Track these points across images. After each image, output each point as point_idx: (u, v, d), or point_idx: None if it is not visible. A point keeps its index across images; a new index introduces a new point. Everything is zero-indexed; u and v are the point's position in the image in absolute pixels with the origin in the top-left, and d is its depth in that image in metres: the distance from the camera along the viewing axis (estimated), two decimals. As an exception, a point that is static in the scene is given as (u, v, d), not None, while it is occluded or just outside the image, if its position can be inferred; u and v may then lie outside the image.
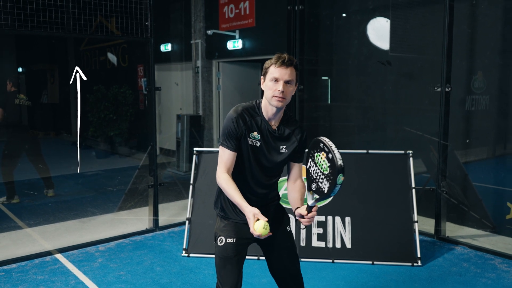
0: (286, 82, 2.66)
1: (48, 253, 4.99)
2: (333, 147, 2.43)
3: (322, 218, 4.95)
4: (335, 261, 4.78)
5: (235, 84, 9.43)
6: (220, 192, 2.88)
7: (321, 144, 2.50)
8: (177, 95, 10.33)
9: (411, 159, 5.07)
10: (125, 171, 9.22)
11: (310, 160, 2.59)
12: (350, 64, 7.30)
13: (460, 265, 4.75)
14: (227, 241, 2.81)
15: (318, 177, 2.51)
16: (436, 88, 5.43)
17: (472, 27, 6.00)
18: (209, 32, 8.97)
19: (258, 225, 2.48)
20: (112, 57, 12.37)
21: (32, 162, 7.10)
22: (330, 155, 2.41)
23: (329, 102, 7.72)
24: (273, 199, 2.95)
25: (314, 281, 4.30)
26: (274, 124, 2.77)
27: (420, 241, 5.31)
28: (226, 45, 8.80)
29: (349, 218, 4.93)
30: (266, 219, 2.51)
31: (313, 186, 2.54)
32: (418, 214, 5.14)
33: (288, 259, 2.93)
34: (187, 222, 5.09)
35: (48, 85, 15.48)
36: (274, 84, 2.67)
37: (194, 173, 5.22)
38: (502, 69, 5.86)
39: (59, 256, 4.94)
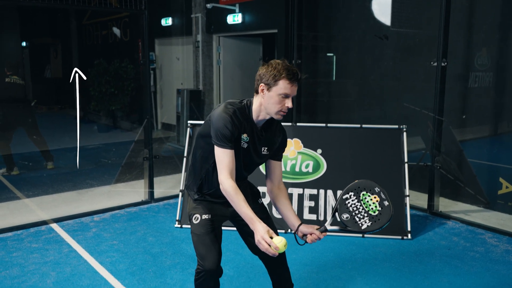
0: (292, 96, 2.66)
1: (44, 222, 5.10)
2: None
3: (314, 191, 5.00)
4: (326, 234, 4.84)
5: (236, 58, 9.43)
6: (198, 178, 2.89)
7: (377, 189, 2.78)
8: (178, 70, 10.34)
9: (404, 134, 5.08)
10: (126, 145, 9.29)
11: (352, 193, 2.77)
12: (350, 40, 7.27)
13: (450, 239, 4.80)
14: (203, 217, 2.84)
15: (357, 212, 2.73)
16: (432, 62, 5.41)
17: (476, 2, 5.94)
18: (208, 5, 8.93)
19: (280, 242, 2.48)
20: (116, 31, 12.36)
21: (29, 135, 7.22)
22: (386, 203, 2.74)
23: (327, 78, 7.72)
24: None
25: (303, 253, 4.38)
26: (260, 127, 2.79)
27: (413, 215, 5.37)
28: (226, 19, 8.77)
29: (341, 191, 4.98)
30: (282, 237, 2.52)
31: (345, 216, 2.75)
32: (412, 189, 5.20)
33: None
34: (180, 194, 5.17)
35: (51, 60, 15.51)
36: (283, 99, 2.62)
37: (188, 146, 5.28)
38: (507, 45, 5.82)
39: (54, 225, 5.05)
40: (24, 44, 15.57)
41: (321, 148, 5.11)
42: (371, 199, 2.73)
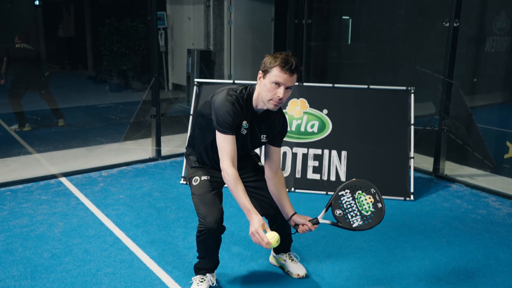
0: (287, 88, 2.66)
1: (53, 176, 5.24)
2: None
3: (319, 151, 5.06)
4: (329, 193, 4.93)
5: (247, 19, 9.35)
6: (197, 152, 3.00)
7: (373, 190, 2.85)
8: (189, 30, 10.31)
9: (412, 95, 5.08)
10: (136, 105, 9.39)
11: (348, 191, 2.86)
12: (364, 2, 7.17)
13: (452, 201, 4.85)
14: (202, 178, 2.95)
15: (350, 210, 2.83)
16: (444, 23, 5.35)
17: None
18: (220, -36, 8.83)
19: (273, 238, 2.59)
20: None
21: (40, 95, 7.38)
22: (379, 205, 2.82)
23: (340, 41, 7.66)
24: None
25: (307, 211, 4.43)
26: (261, 114, 2.84)
27: (417, 178, 5.41)
28: (238, -22, 8.69)
29: (346, 152, 5.03)
30: (275, 233, 2.64)
31: (338, 212, 2.85)
32: (419, 153, 5.22)
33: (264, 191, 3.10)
34: (185, 151, 5.25)
35: (64, 19, 15.51)
36: (275, 88, 2.64)
37: (195, 104, 5.34)
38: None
39: (63, 179, 5.20)
40: (37, 2, 15.55)
41: (327, 108, 5.14)
42: (365, 199, 2.83)
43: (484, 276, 3.39)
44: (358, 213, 2.80)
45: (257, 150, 4.47)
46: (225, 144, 2.69)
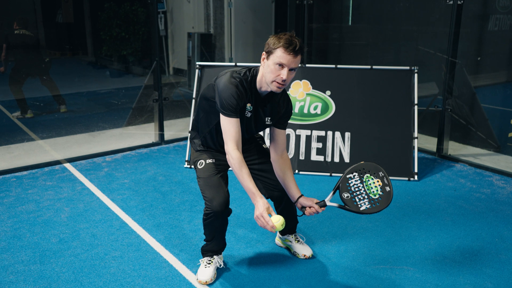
0: (290, 69, 2.65)
1: (58, 162, 5.27)
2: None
3: (322, 133, 5.07)
4: (333, 174, 4.95)
5: (247, 1, 9.29)
6: (202, 136, 3.03)
7: (381, 173, 2.83)
8: (189, 13, 10.25)
9: (415, 75, 5.08)
10: (137, 90, 9.39)
11: (356, 174, 2.84)
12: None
13: (456, 180, 4.88)
14: (207, 161, 2.97)
15: (358, 193, 2.81)
16: (447, 1, 5.32)
17: None
18: None
19: (278, 221, 2.60)
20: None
21: (42, 81, 7.38)
22: (387, 188, 2.79)
23: (342, 22, 7.62)
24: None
25: (311, 193, 4.49)
26: (265, 96, 2.84)
27: (421, 158, 5.44)
28: (237, -41, 8.61)
29: (349, 133, 5.05)
30: (280, 217, 2.64)
31: (345, 195, 2.82)
32: (423, 133, 5.22)
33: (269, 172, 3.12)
34: (189, 135, 5.27)
35: (62, 4, 15.42)
36: (278, 69, 2.62)
37: (197, 88, 5.35)
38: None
39: (67, 165, 5.23)
40: (34, -13, 15.45)
41: (330, 89, 5.14)
42: (373, 183, 2.81)
43: (489, 254, 3.43)
44: (366, 196, 2.79)
45: (261, 133, 4.49)
46: (229, 127, 2.69)
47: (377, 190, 2.79)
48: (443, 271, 3.21)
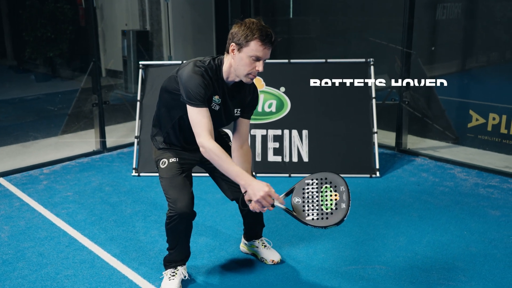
0: (263, 60, 2.69)
1: (-12, 177, 5.11)
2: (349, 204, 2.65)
3: (278, 132, 5.17)
4: (292, 175, 5.06)
5: (186, -5, 9.30)
6: (164, 131, 3.01)
7: (342, 188, 2.67)
8: (121, 9, 10.12)
9: (372, 67, 5.27)
10: (68, 94, 9.18)
11: (315, 182, 2.73)
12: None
13: (419, 175, 5.11)
14: (170, 160, 2.97)
15: (310, 201, 2.70)
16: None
17: None
18: None
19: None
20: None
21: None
22: (343, 205, 2.63)
23: (287, 15, 7.77)
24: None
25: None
26: (232, 86, 2.87)
27: (381, 153, 5.64)
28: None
29: (306, 131, 5.17)
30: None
31: (296, 200, 2.73)
32: (380, 128, 5.41)
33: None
34: (135, 141, 5.24)
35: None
36: (253, 62, 2.65)
37: (141, 89, 5.31)
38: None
39: (1, 180, 5.06)
40: None
41: (284, 85, 5.25)
42: (330, 195, 2.69)
43: (459, 248, 3.63)
44: (317, 207, 2.69)
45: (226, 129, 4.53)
46: (200, 117, 2.67)
47: (331, 204, 2.66)
48: (416, 268, 3.37)
